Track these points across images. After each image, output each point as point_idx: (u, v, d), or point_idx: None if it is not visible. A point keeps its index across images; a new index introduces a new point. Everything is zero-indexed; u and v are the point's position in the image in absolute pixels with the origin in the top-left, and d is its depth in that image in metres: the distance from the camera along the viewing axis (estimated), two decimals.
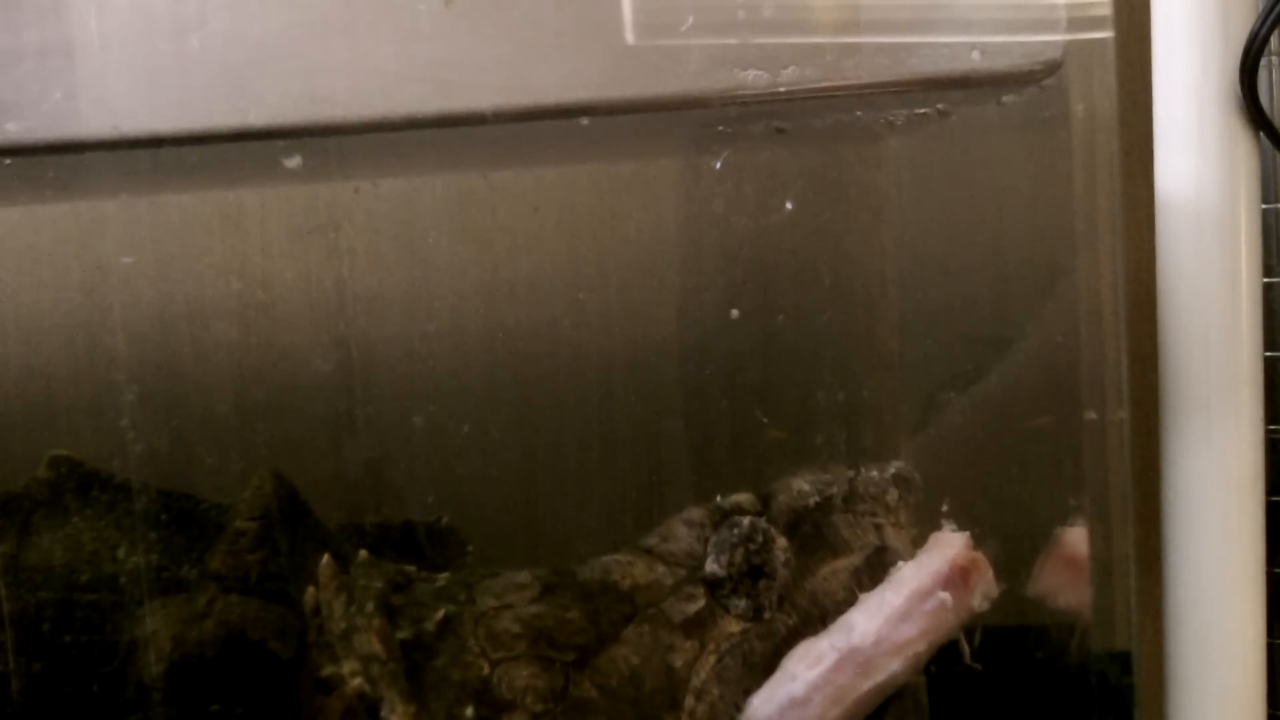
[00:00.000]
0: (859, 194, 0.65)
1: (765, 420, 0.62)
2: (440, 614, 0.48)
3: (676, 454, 0.66)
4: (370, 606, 0.50)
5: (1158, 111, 0.57)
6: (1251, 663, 0.56)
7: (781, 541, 0.53)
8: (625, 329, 0.69)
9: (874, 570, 0.55)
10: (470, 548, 0.63)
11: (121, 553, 0.53)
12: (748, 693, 0.51)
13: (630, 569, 0.51)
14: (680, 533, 0.53)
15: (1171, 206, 0.57)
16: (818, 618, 0.54)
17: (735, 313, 0.63)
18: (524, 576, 0.50)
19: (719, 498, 0.54)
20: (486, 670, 0.47)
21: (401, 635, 0.48)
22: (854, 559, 0.55)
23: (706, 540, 0.53)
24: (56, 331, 0.64)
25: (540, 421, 0.71)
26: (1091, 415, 0.58)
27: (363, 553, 0.55)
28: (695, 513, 0.54)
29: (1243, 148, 0.56)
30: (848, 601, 0.54)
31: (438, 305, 0.71)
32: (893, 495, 0.56)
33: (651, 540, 0.53)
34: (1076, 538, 0.59)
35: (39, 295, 0.65)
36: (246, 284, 0.67)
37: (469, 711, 0.46)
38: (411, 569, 0.54)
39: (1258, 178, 0.57)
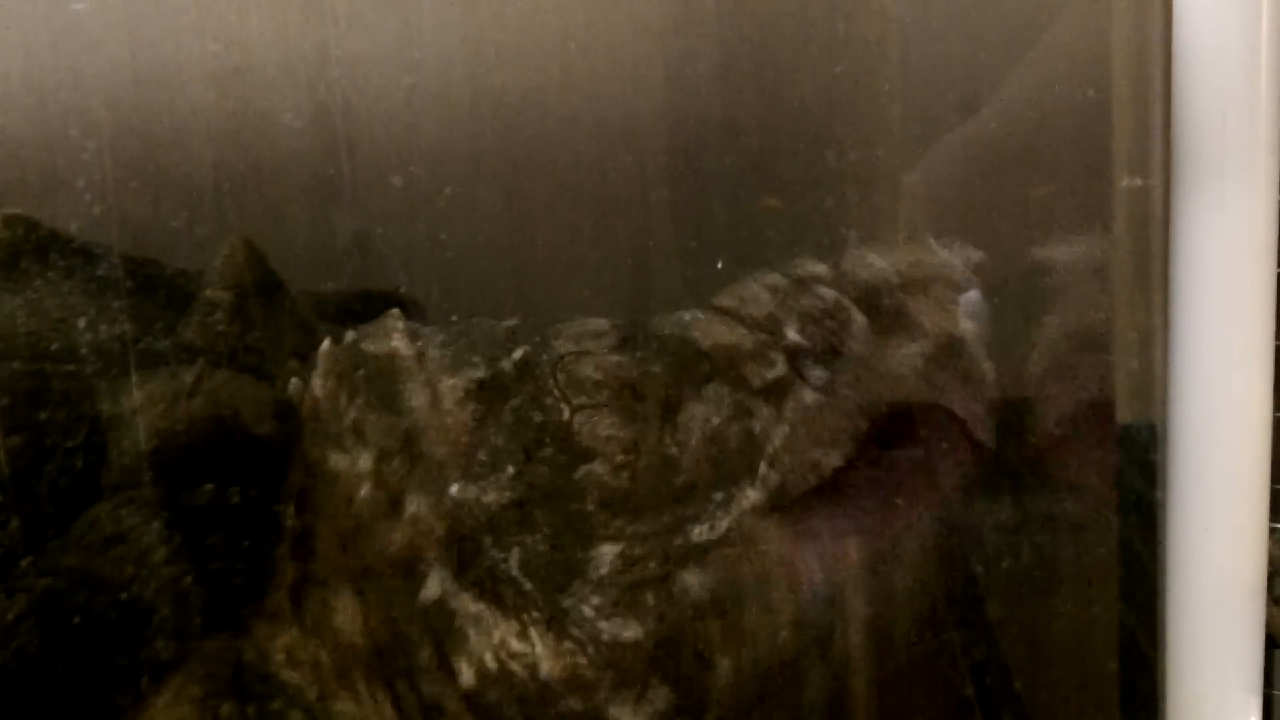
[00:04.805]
0: None
1: (761, 191, 0.59)
2: (519, 353, 0.45)
3: (669, 225, 0.64)
4: (375, 396, 0.47)
5: None
6: (1256, 435, 0.55)
7: (861, 318, 0.51)
8: (617, 93, 0.65)
9: (944, 358, 0.53)
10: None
11: (91, 320, 0.47)
12: (814, 465, 0.50)
13: (709, 328, 0.48)
14: (762, 297, 0.50)
15: None
16: (885, 399, 0.52)
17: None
18: (600, 324, 0.47)
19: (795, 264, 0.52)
20: (567, 415, 0.45)
21: (476, 375, 0.45)
22: (926, 344, 0.53)
23: (788, 307, 0.50)
24: (25, 94, 0.59)
25: (527, 189, 0.67)
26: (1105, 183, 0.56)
27: (350, 333, 0.51)
28: (775, 278, 0.51)
29: None
30: (916, 388, 0.52)
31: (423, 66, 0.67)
32: None
33: (729, 301, 0.50)
34: None
35: (5, 57, 0.58)
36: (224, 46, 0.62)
37: (547, 454, 0.44)
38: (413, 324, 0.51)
39: None
